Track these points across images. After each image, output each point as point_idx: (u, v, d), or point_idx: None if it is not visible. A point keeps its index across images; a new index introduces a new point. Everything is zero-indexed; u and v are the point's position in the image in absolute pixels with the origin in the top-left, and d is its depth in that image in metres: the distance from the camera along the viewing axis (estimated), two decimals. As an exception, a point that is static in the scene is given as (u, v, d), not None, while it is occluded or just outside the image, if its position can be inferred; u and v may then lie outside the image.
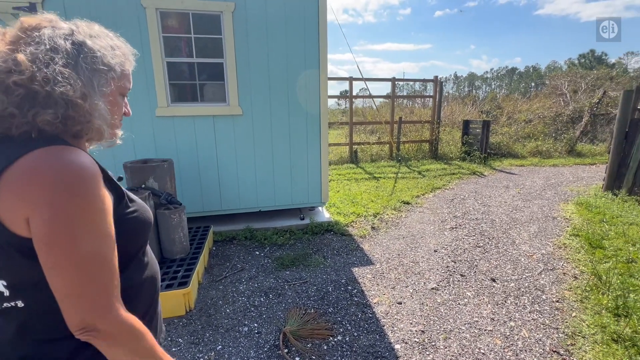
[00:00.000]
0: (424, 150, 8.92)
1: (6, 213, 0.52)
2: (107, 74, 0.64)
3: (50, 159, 0.53)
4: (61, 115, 0.56)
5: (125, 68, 0.70)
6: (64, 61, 0.57)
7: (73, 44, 0.60)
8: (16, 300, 0.58)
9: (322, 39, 3.49)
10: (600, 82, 14.76)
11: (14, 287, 0.58)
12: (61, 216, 0.52)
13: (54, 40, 0.57)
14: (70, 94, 0.56)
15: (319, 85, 3.55)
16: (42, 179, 0.51)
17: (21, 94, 0.54)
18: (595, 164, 8.48)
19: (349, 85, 7.97)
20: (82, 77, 0.59)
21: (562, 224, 4.08)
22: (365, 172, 7.06)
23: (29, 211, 0.51)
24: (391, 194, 5.36)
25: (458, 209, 4.64)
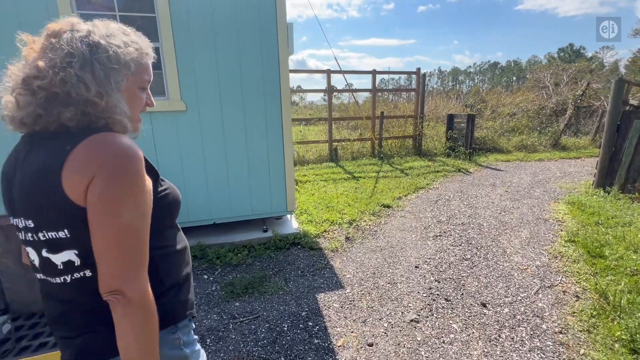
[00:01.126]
0: (407, 146, 8.51)
1: (71, 189, 0.60)
2: (121, 71, 0.68)
3: (107, 141, 0.62)
4: (80, 112, 0.63)
5: (142, 62, 0.73)
6: (80, 64, 0.63)
7: (89, 45, 0.64)
8: (85, 270, 0.66)
9: (280, 21, 2.95)
10: (581, 74, 14.77)
11: (83, 257, 0.64)
12: (112, 188, 0.60)
13: (72, 45, 0.63)
14: (86, 93, 0.63)
15: (279, 75, 3.03)
16: (102, 155, 0.61)
17: (44, 96, 0.62)
18: (581, 157, 8.28)
19: (327, 79, 7.45)
20: (97, 76, 0.64)
21: (555, 227, 3.70)
22: (344, 171, 6.58)
23: (88, 183, 0.59)
24: (371, 196, 4.90)
25: (443, 212, 4.22)
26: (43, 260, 0.66)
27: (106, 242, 0.60)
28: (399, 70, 18.05)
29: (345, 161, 7.52)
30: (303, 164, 7.31)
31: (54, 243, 0.64)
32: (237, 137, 3.05)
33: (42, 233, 0.63)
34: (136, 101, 0.74)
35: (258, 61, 2.97)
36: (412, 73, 8.12)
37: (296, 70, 7.51)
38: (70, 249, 0.64)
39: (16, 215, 0.66)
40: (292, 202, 3.31)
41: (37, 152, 0.63)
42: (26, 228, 0.65)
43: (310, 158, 7.67)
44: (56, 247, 0.64)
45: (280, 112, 3.08)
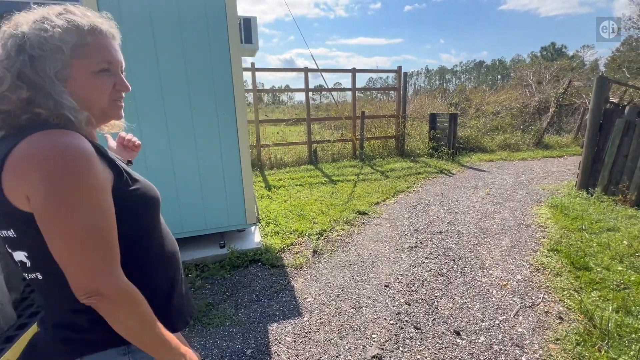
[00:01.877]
0: (390, 147, 8.27)
1: (10, 192, 0.57)
2: (51, 57, 0.61)
3: (42, 141, 0.57)
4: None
5: (86, 42, 0.64)
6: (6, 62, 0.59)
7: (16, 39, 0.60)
8: (36, 273, 0.64)
9: (230, 16, 2.62)
10: (563, 73, 14.88)
11: (34, 259, 0.63)
12: (54, 192, 0.55)
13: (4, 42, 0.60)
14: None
15: (232, 75, 2.69)
16: (35, 159, 0.56)
17: None
18: (563, 156, 8.20)
19: (304, 77, 7.14)
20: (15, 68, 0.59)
21: (537, 233, 3.48)
22: (323, 174, 6.28)
23: (28, 189, 0.56)
24: (347, 202, 4.61)
25: (421, 219, 3.95)
26: (10, 255, 0.66)
27: (65, 247, 0.58)
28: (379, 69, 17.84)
29: (325, 163, 7.22)
30: (280, 167, 6.98)
31: (7, 240, 0.64)
32: (185, 143, 2.70)
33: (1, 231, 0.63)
34: (94, 88, 0.66)
35: (207, 59, 2.63)
36: (393, 71, 7.87)
37: (265, 68, 7.20)
38: (21, 250, 0.63)
39: None
40: (252, 213, 2.98)
41: None
42: None
43: (288, 160, 7.34)
44: (11, 245, 0.64)
45: (235, 115, 2.75)
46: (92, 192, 0.59)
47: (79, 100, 0.64)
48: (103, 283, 0.59)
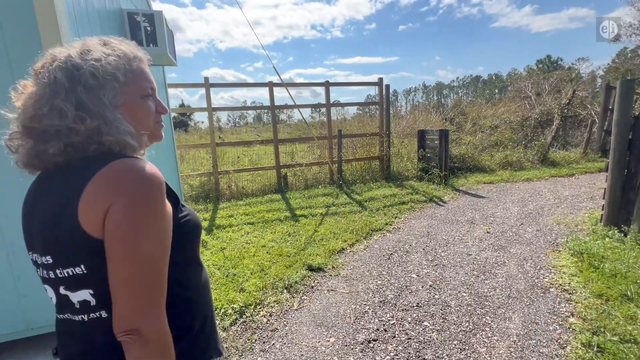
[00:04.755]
0: (373, 169, 7.22)
1: (87, 220, 0.57)
2: (107, 85, 0.63)
3: (124, 167, 0.59)
4: (65, 145, 0.60)
5: (133, 68, 0.67)
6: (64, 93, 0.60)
7: (65, 70, 0.61)
8: (101, 311, 0.61)
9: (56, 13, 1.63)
10: (563, 84, 14.05)
11: (99, 296, 0.61)
12: (131, 216, 0.56)
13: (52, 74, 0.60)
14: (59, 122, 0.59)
15: None
16: (119, 182, 0.58)
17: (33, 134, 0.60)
18: (574, 174, 7.11)
19: (269, 93, 6.19)
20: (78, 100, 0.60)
21: (561, 305, 2.35)
22: (287, 207, 5.20)
23: (105, 211, 0.56)
24: (303, 249, 3.51)
25: (394, 279, 2.84)
26: (61, 298, 0.63)
27: (124, 274, 0.57)
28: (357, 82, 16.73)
29: (294, 192, 6.16)
30: (241, 198, 5.92)
31: (71, 280, 0.61)
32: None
33: (59, 270, 0.61)
34: (143, 112, 0.70)
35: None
36: (374, 84, 6.94)
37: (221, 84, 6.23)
38: (86, 288, 0.61)
39: (35, 250, 0.64)
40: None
41: (50, 187, 0.63)
42: (44, 265, 0.62)
43: (253, 189, 6.29)
44: (73, 284, 0.61)
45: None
46: (162, 221, 0.60)
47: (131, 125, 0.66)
48: (147, 323, 0.58)
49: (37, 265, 0.64)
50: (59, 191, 0.60)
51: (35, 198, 0.64)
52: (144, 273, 0.58)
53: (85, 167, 0.60)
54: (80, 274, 0.59)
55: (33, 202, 0.64)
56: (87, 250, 0.58)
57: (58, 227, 0.58)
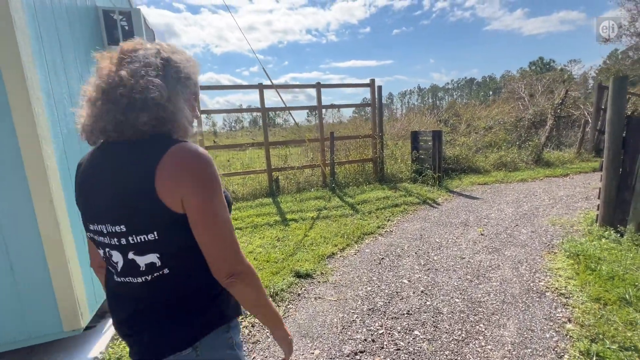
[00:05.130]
0: (367, 172, 7.12)
1: (167, 197, 0.68)
2: (185, 82, 0.78)
3: (193, 151, 0.70)
4: (154, 117, 0.71)
5: (196, 77, 0.83)
6: (155, 73, 0.72)
7: (162, 59, 0.75)
8: (164, 269, 0.73)
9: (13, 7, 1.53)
10: (555, 84, 14.13)
11: (166, 258, 0.72)
12: (209, 194, 0.70)
13: (147, 58, 0.73)
14: (159, 98, 0.71)
15: (7, 95, 1.54)
16: (193, 165, 0.69)
17: (125, 102, 0.69)
18: (568, 174, 7.07)
19: (259, 95, 6.09)
20: (169, 84, 0.74)
21: (557, 310, 2.25)
22: (278, 211, 5.08)
23: (185, 192, 0.68)
24: (291, 255, 3.39)
25: (384, 286, 2.72)
26: (128, 262, 0.72)
27: (213, 237, 0.71)
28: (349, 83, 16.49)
29: (286, 195, 6.03)
30: (232, 202, 5.78)
31: (142, 246, 0.71)
32: None
33: (131, 237, 0.70)
34: (194, 109, 0.84)
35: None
36: (366, 85, 6.86)
37: (214, 86, 6.12)
38: (154, 252, 0.71)
39: (100, 221, 0.72)
40: (75, 310, 1.75)
41: (122, 160, 0.70)
42: (114, 233, 0.71)
43: (243, 194, 6.15)
44: (143, 249, 0.71)
45: (19, 153, 1.57)
46: (222, 193, 0.74)
47: None
48: (243, 264, 0.74)
49: (102, 234, 0.73)
50: (136, 164, 0.68)
51: (102, 169, 0.72)
52: (227, 230, 0.72)
53: (154, 146, 0.70)
54: (152, 240, 0.70)
55: (99, 173, 0.73)
56: (162, 219, 0.68)
57: (136, 199, 0.67)
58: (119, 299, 0.79)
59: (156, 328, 0.75)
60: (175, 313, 0.75)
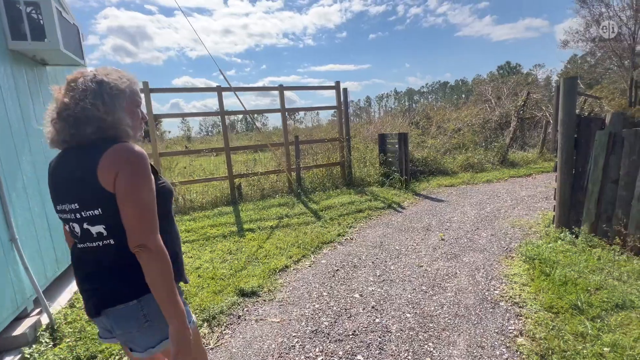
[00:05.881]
0: (335, 176, 6.95)
1: (104, 180, 0.91)
2: (120, 95, 1.00)
3: (125, 148, 0.94)
4: (97, 127, 0.95)
5: (133, 89, 1.05)
6: (92, 95, 0.95)
7: (96, 82, 0.97)
8: (110, 239, 0.97)
9: None
10: (520, 87, 14.67)
11: (110, 229, 0.96)
12: (133, 178, 0.91)
13: (85, 84, 0.96)
14: (97, 113, 0.95)
15: None
16: (123, 157, 0.92)
17: (71, 121, 0.94)
18: (531, 174, 7.22)
19: (218, 98, 5.78)
20: (105, 101, 0.96)
21: (510, 323, 2.12)
22: (235, 221, 4.78)
23: (115, 175, 0.91)
24: (241, 270, 3.12)
25: (333, 302, 2.51)
26: (84, 231, 0.97)
27: (132, 213, 0.91)
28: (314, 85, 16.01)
29: (248, 203, 5.74)
30: (190, 211, 5.42)
31: (91, 218, 0.95)
32: None
33: (83, 212, 0.95)
34: (135, 115, 1.06)
35: None
36: (331, 87, 6.71)
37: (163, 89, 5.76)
38: (101, 224, 0.95)
39: (63, 201, 0.97)
40: None
41: (76, 159, 0.96)
42: (72, 209, 0.95)
43: (201, 202, 5.80)
44: (93, 221, 0.95)
45: None
46: (149, 181, 0.94)
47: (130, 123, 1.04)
48: (150, 239, 0.91)
49: (66, 212, 0.97)
50: (84, 160, 0.93)
51: (63, 166, 0.97)
52: (145, 210, 0.92)
53: (100, 146, 0.94)
54: (98, 214, 0.94)
55: (61, 168, 0.98)
56: (103, 199, 0.92)
57: (84, 183, 0.92)
58: (82, 261, 1.02)
59: (108, 283, 0.98)
60: (123, 274, 0.98)
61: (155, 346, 1.03)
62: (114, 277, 0.98)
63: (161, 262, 0.91)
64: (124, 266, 0.97)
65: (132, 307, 0.98)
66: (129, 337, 1.02)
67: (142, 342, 1.02)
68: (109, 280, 0.98)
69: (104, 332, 1.08)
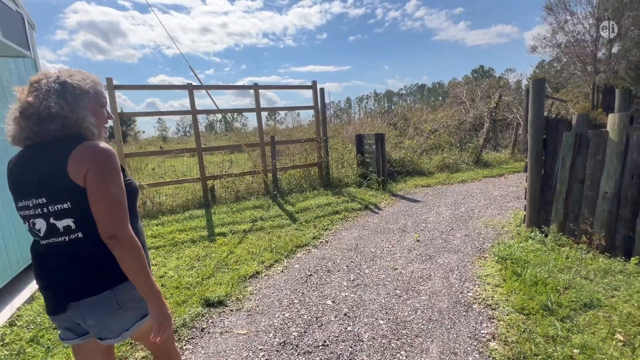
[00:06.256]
0: (312, 177, 6.84)
1: (75, 175, 0.96)
2: (84, 95, 1.05)
3: (95, 145, 1.00)
4: (60, 125, 1.00)
5: (97, 89, 1.11)
6: (55, 95, 1.00)
7: (59, 83, 1.02)
8: (78, 232, 1.01)
9: None
10: (493, 90, 15.16)
11: (78, 223, 1.00)
12: (103, 173, 0.97)
13: (48, 85, 1.01)
14: (61, 112, 1.00)
15: None
16: (94, 155, 0.98)
17: (35, 118, 0.98)
18: (504, 174, 7.41)
19: (189, 96, 5.53)
20: (68, 101, 1.01)
21: (483, 326, 2.08)
22: (206, 225, 4.56)
23: (85, 171, 0.96)
24: (209, 277, 2.94)
25: (304, 310, 2.39)
26: (50, 226, 0.99)
27: (103, 207, 0.96)
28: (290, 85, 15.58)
29: (221, 206, 5.52)
30: (159, 215, 5.14)
31: (59, 213, 0.98)
32: None
33: (51, 206, 0.98)
34: (99, 115, 1.12)
35: None
36: (308, 87, 6.60)
37: (127, 86, 5.46)
38: (69, 218, 0.99)
39: (27, 197, 0.99)
40: None
41: (43, 155, 0.99)
42: (38, 204, 0.98)
43: (172, 205, 5.52)
44: (60, 215, 0.98)
45: None
46: (118, 176, 1.01)
47: (95, 122, 1.09)
48: (121, 231, 0.97)
49: (29, 207, 0.99)
50: (52, 156, 0.97)
51: (27, 162, 1.00)
52: (115, 204, 0.98)
53: (66, 143, 0.99)
54: (66, 208, 0.98)
55: (25, 165, 1.00)
56: (72, 192, 0.96)
57: (53, 178, 0.96)
58: (45, 258, 1.04)
59: (78, 276, 1.02)
60: (94, 266, 1.03)
61: (129, 329, 1.10)
62: (84, 269, 1.02)
63: (134, 250, 0.98)
64: (95, 258, 1.02)
65: (105, 296, 1.04)
66: (103, 325, 1.06)
67: (116, 327, 1.08)
68: (78, 274, 1.02)
69: (66, 332, 1.10)
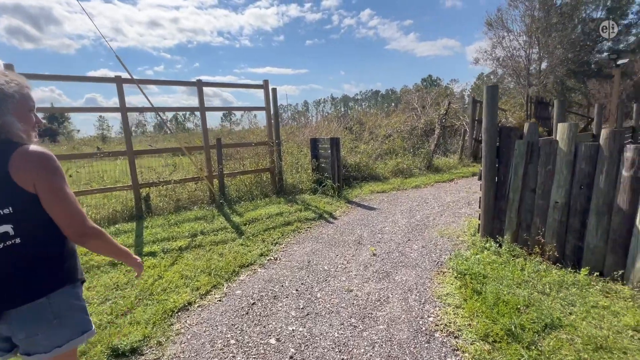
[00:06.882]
0: (264, 183, 6.36)
1: (21, 181, 0.98)
2: (8, 100, 1.04)
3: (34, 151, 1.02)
4: None
5: (23, 92, 1.09)
6: None
7: None
8: (16, 238, 1.02)
9: None
10: (441, 98, 15.94)
11: (17, 229, 1.02)
12: (53, 178, 1.02)
13: None
14: None
15: None
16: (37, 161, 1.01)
17: None
18: (453, 179, 7.61)
19: (117, 90, 4.75)
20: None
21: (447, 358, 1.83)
22: (137, 240, 3.87)
23: (35, 178, 1.00)
24: (124, 314, 2.35)
25: (240, 355, 1.96)
26: None
27: (62, 209, 1.02)
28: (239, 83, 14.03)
29: (158, 217, 4.81)
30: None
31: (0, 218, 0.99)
32: None
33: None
34: (27, 119, 1.10)
35: None
36: (259, 87, 6.13)
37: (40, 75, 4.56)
38: (8, 223, 1.00)
39: None
40: None
41: None
42: None
43: (95, 218, 4.67)
44: None
45: None
46: (65, 177, 1.06)
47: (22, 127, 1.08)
48: (87, 227, 1.06)
49: None
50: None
51: None
52: (71, 204, 1.03)
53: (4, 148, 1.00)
54: (7, 213, 1.00)
55: None
56: (17, 198, 0.99)
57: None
58: None
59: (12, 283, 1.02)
60: (30, 272, 1.04)
61: (62, 345, 1.08)
62: (19, 276, 1.03)
63: (103, 237, 1.11)
64: (31, 265, 1.04)
65: (40, 305, 1.04)
66: (33, 340, 1.04)
67: (48, 342, 1.06)
68: (12, 281, 1.02)
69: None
